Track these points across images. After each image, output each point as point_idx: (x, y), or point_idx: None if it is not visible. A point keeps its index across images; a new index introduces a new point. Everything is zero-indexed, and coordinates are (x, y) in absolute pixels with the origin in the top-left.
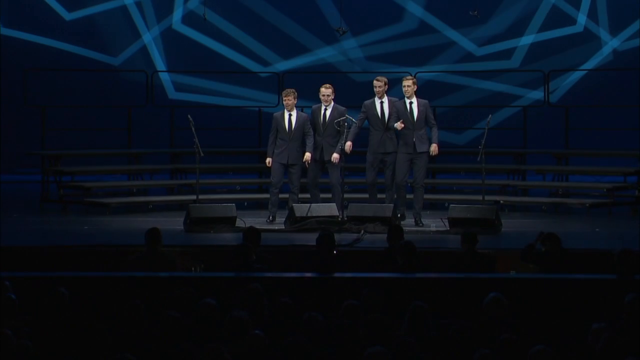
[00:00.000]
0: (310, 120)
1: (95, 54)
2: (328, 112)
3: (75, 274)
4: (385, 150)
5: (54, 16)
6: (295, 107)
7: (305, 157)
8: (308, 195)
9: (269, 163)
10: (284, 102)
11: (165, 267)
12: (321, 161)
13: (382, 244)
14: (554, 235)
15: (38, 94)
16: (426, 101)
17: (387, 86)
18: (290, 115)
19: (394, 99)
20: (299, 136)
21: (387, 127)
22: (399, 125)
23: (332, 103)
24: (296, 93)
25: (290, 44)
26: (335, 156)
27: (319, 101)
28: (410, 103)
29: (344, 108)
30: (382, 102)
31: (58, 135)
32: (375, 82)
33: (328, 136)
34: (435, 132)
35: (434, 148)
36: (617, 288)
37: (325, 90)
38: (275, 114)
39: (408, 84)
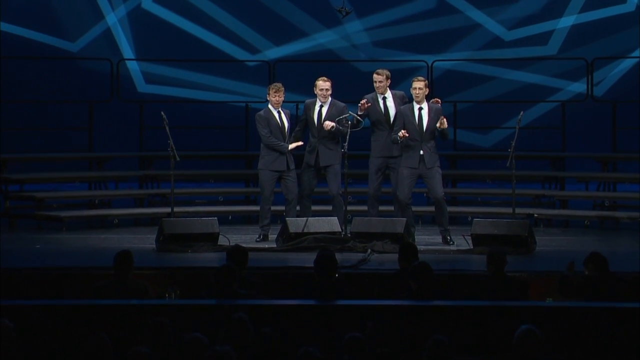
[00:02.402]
0: (302, 118)
1: (49, 37)
2: (325, 110)
3: (24, 303)
4: (391, 153)
5: None
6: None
7: (325, 125)
8: (298, 207)
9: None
10: (273, 98)
11: (135, 296)
12: (317, 167)
13: (392, 265)
14: (599, 256)
15: None
16: (439, 107)
17: (389, 81)
18: (279, 113)
19: (398, 92)
20: (290, 137)
21: (393, 140)
22: (402, 134)
23: (330, 99)
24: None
25: (282, 27)
26: (327, 123)
27: (315, 96)
28: (420, 109)
29: (343, 104)
30: (384, 98)
31: (3, 136)
32: (375, 75)
33: (324, 137)
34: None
35: (442, 120)
36: None
37: (324, 84)
38: (260, 114)
39: (420, 87)
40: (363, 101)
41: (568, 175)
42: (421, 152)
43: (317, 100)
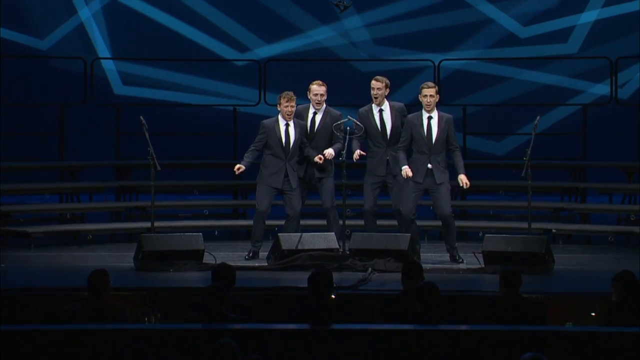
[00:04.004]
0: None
1: (15, 34)
2: (318, 117)
3: None
4: (386, 172)
5: None
6: None
7: (326, 153)
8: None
9: (237, 170)
10: (284, 109)
11: (112, 319)
12: (307, 180)
13: (395, 285)
14: (628, 274)
15: None
16: (450, 116)
17: (388, 90)
18: (287, 125)
19: (397, 104)
20: (297, 152)
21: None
22: (409, 173)
23: (325, 105)
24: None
25: (274, 23)
26: (329, 152)
27: (307, 101)
28: (429, 118)
29: (339, 112)
30: (381, 111)
31: None
32: (373, 82)
33: (317, 148)
34: (459, 159)
35: (463, 179)
36: None
37: (318, 89)
38: (265, 122)
39: (430, 94)
40: (356, 155)
41: (590, 186)
42: (429, 165)
43: (311, 106)
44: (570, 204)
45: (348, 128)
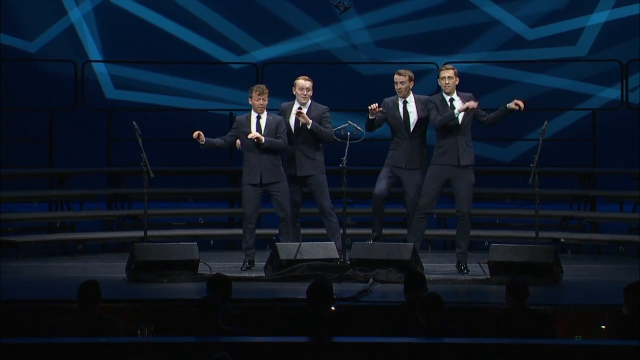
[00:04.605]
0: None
1: (3, 36)
2: (304, 112)
3: None
4: (407, 165)
5: None
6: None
7: (256, 135)
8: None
9: (197, 136)
10: (256, 102)
11: (104, 332)
12: (297, 178)
13: (397, 297)
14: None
15: None
16: (470, 94)
17: (412, 82)
18: (258, 118)
19: (422, 97)
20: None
21: (449, 118)
22: (471, 104)
23: (310, 100)
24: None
25: (272, 25)
26: (303, 115)
27: (292, 98)
28: (451, 100)
29: (324, 107)
30: (405, 103)
31: None
32: (396, 76)
33: (303, 144)
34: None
35: (517, 102)
36: None
37: (305, 83)
38: (238, 117)
39: (449, 75)
40: (374, 105)
41: (599, 194)
42: (457, 149)
43: (295, 102)
44: (579, 213)
45: (349, 133)
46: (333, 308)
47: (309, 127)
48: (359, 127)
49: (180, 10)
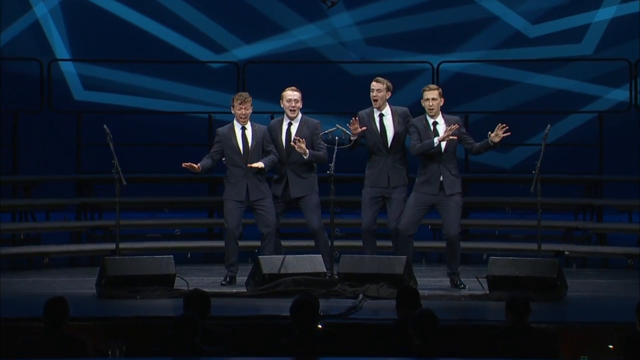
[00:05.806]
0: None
1: None
2: (294, 129)
3: None
4: (389, 184)
5: None
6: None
7: (256, 164)
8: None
9: (189, 166)
10: (238, 111)
11: (72, 353)
12: (286, 200)
13: (389, 314)
14: None
15: None
16: (457, 118)
17: (389, 93)
18: (243, 129)
19: (400, 109)
20: (259, 158)
21: (427, 147)
22: (450, 130)
23: (300, 115)
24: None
25: (254, 21)
26: (300, 143)
27: (281, 114)
28: (435, 124)
29: (316, 121)
30: (381, 115)
31: None
32: (374, 83)
33: (295, 163)
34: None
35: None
36: None
37: (292, 94)
38: (220, 130)
39: (433, 97)
40: (356, 124)
41: (606, 203)
42: (440, 177)
43: (285, 117)
44: (585, 223)
45: (337, 138)
46: (320, 326)
47: (305, 157)
48: (347, 132)
49: (155, 5)
